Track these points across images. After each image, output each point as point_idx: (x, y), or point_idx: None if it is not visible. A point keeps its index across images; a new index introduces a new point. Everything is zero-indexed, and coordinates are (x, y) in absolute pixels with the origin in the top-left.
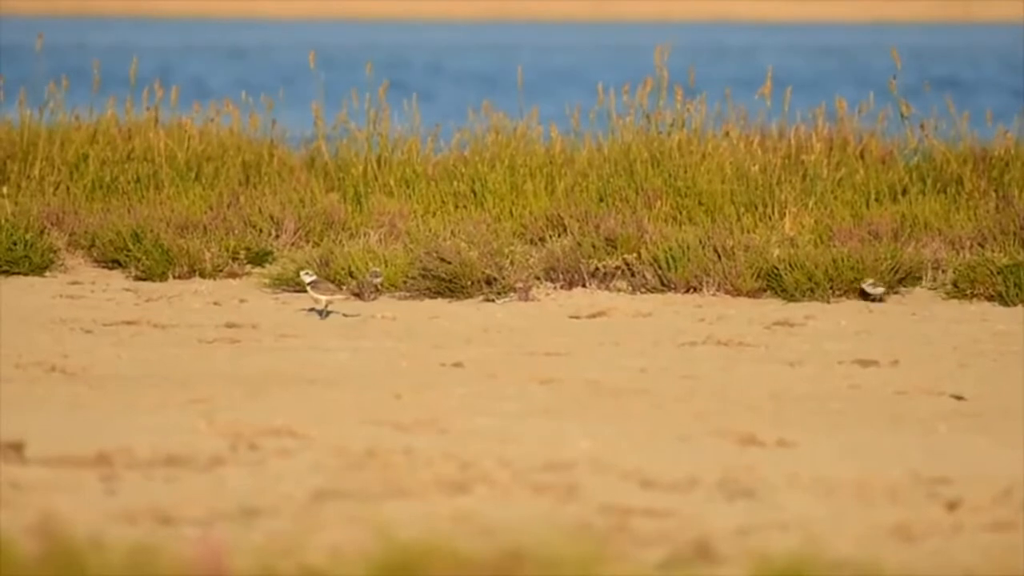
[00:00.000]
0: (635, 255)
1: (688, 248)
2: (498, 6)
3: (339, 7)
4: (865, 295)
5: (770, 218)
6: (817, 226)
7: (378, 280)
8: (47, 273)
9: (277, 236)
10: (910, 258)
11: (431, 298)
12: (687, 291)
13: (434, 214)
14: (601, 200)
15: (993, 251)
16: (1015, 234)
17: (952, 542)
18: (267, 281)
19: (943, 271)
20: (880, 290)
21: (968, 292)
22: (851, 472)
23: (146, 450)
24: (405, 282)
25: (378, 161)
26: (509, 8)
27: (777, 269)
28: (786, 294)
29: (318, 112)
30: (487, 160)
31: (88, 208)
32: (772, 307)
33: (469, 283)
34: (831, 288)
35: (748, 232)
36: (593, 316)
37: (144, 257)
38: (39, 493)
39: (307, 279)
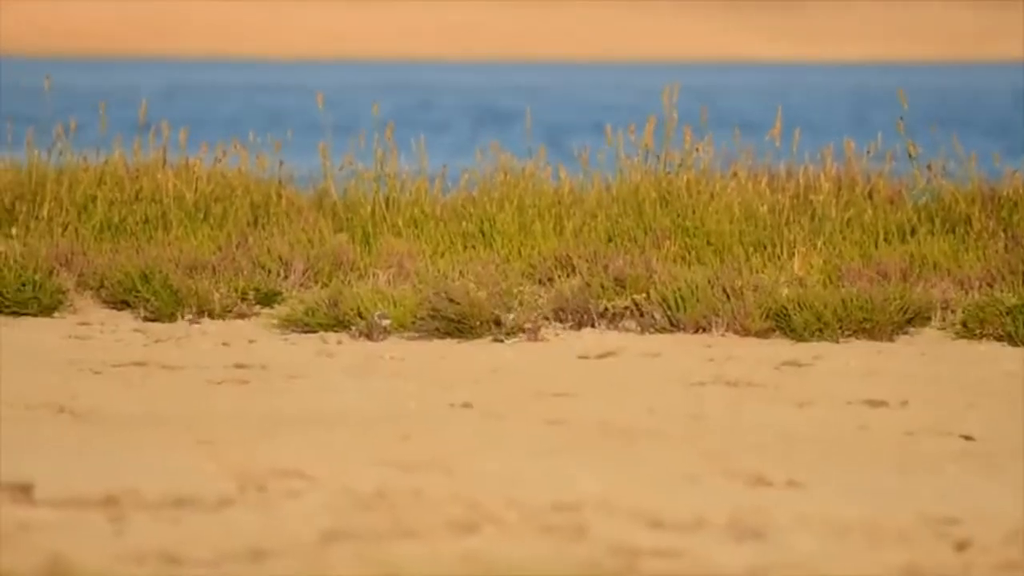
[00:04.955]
0: (644, 295)
1: (697, 288)
2: (505, 46)
3: (343, 47)
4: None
5: (779, 258)
6: (826, 266)
7: (385, 323)
8: (56, 314)
9: (286, 276)
10: (919, 298)
11: (440, 338)
12: (696, 331)
13: (443, 254)
14: (610, 240)
15: (1002, 291)
16: None
17: None
18: (276, 322)
19: (952, 311)
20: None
21: (977, 332)
22: (860, 513)
23: (154, 491)
24: (414, 322)
25: (386, 202)
26: (517, 48)
27: (786, 309)
28: (795, 334)
29: (325, 152)
30: (495, 200)
31: (97, 249)
32: (781, 347)
33: (478, 323)
34: (840, 328)
35: (757, 272)
36: (602, 356)
37: (153, 298)
38: (47, 534)
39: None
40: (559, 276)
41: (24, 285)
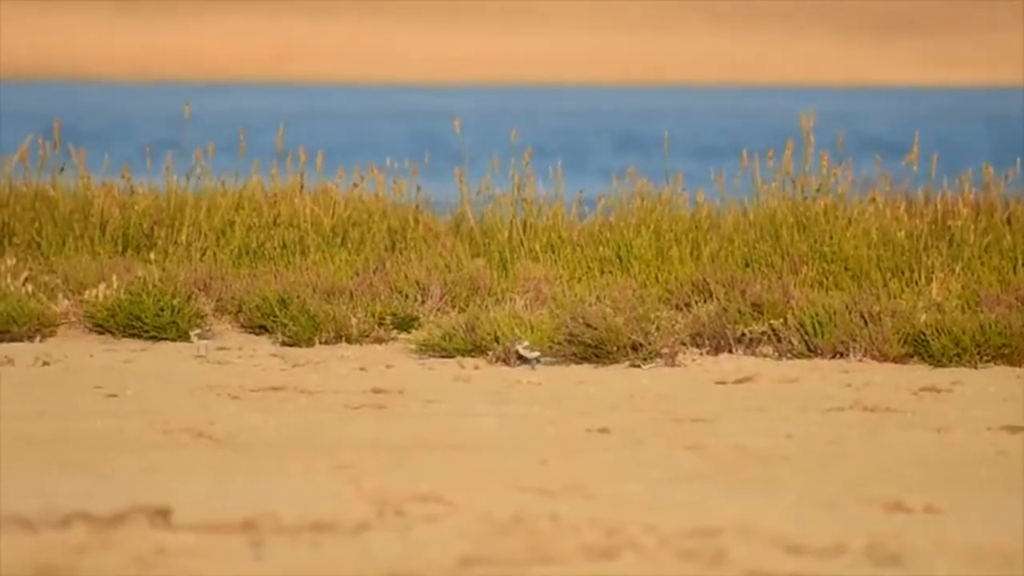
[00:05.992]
0: (781, 320)
1: (835, 313)
2: (643, 72)
3: (480, 73)
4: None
5: (916, 283)
6: (964, 292)
7: (534, 355)
8: (194, 339)
9: (423, 301)
10: None
11: (577, 363)
12: (833, 356)
13: (579, 279)
14: (747, 265)
15: None
16: None
17: None
18: (413, 347)
19: None
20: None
21: None
22: (998, 539)
23: (292, 516)
24: (551, 347)
25: (523, 226)
26: (654, 74)
27: (924, 335)
28: (933, 360)
29: (462, 178)
30: (633, 225)
31: (235, 274)
32: (919, 373)
33: (615, 348)
34: (978, 354)
35: (894, 298)
36: (739, 381)
37: (291, 323)
38: (185, 559)
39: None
40: (696, 301)
41: (163, 310)
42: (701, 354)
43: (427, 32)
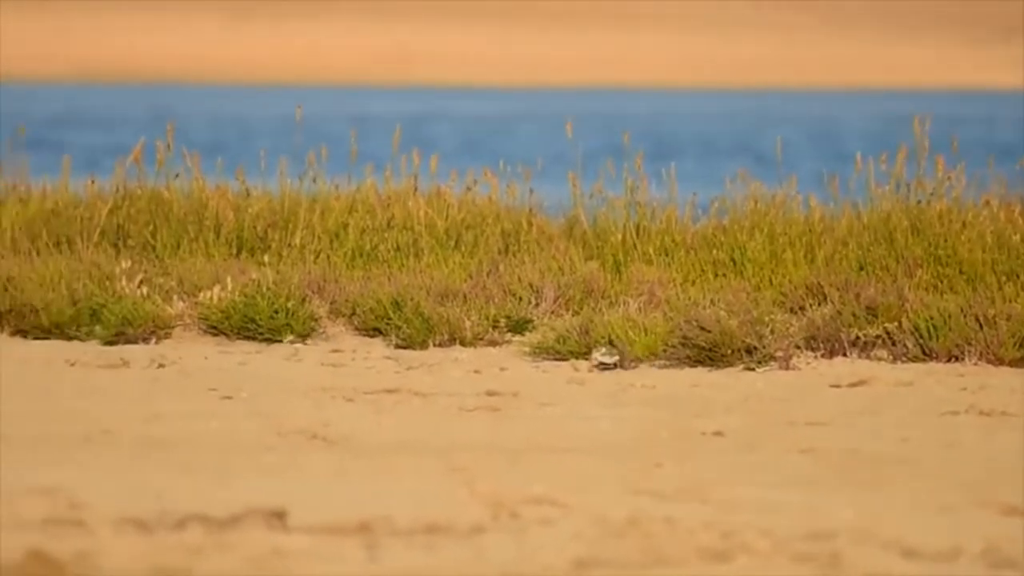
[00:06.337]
0: (896, 324)
1: (949, 317)
2: (755, 75)
3: (594, 75)
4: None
5: None
6: None
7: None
8: (308, 341)
9: (537, 304)
10: None
11: (691, 367)
12: (948, 360)
13: (693, 282)
14: (861, 269)
15: None
16: None
17: None
18: (527, 349)
19: None
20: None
21: None
22: None
23: (407, 518)
24: (664, 351)
25: (636, 229)
26: (765, 77)
27: None
28: None
29: (575, 181)
30: (746, 228)
31: (349, 276)
32: None
33: (729, 351)
34: None
35: (1010, 301)
36: (854, 385)
37: (405, 325)
38: (300, 561)
39: None
40: (810, 304)
41: (277, 312)
42: (815, 357)
43: (541, 35)
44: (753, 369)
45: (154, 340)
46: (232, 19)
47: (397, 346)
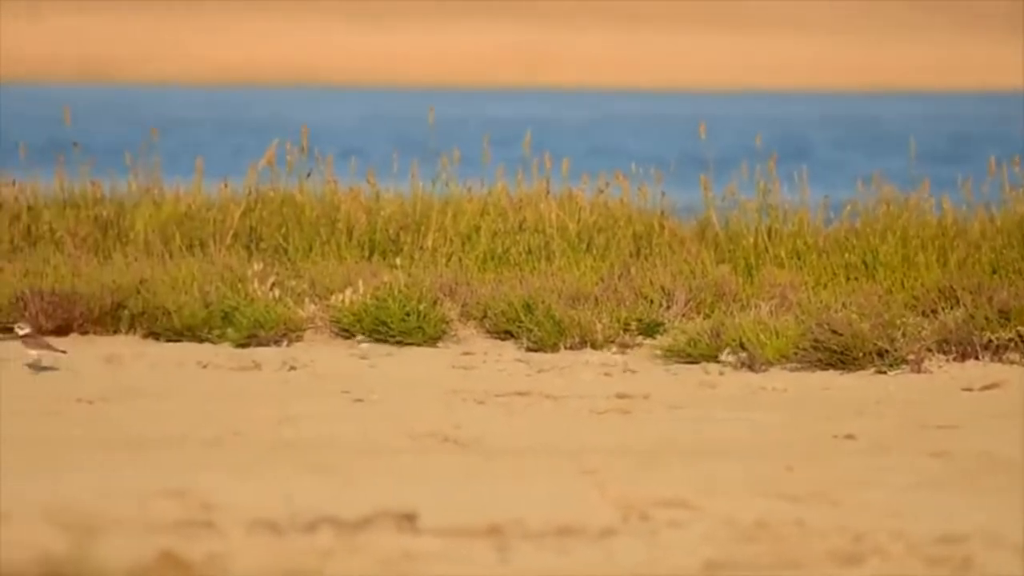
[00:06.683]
0: None
1: None
2: (878, 77)
3: (722, 78)
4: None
5: None
6: None
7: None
8: (440, 344)
9: (668, 307)
10: None
11: (822, 369)
12: None
13: (825, 286)
14: (994, 272)
15: None
16: None
17: None
18: (658, 352)
19: None
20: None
21: None
22: None
23: (538, 520)
24: (796, 353)
25: (768, 233)
26: (882, 80)
27: None
28: None
29: (706, 184)
30: (878, 232)
31: (480, 279)
32: None
33: (861, 355)
34: None
35: None
36: (986, 388)
37: (536, 328)
38: (431, 563)
39: (21, 332)
40: (943, 307)
41: (409, 315)
42: (947, 360)
43: (676, 37)
44: (884, 372)
45: (286, 343)
46: (357, 22)
47: (528, 349)
